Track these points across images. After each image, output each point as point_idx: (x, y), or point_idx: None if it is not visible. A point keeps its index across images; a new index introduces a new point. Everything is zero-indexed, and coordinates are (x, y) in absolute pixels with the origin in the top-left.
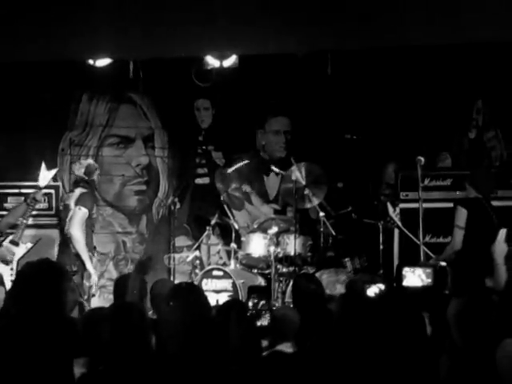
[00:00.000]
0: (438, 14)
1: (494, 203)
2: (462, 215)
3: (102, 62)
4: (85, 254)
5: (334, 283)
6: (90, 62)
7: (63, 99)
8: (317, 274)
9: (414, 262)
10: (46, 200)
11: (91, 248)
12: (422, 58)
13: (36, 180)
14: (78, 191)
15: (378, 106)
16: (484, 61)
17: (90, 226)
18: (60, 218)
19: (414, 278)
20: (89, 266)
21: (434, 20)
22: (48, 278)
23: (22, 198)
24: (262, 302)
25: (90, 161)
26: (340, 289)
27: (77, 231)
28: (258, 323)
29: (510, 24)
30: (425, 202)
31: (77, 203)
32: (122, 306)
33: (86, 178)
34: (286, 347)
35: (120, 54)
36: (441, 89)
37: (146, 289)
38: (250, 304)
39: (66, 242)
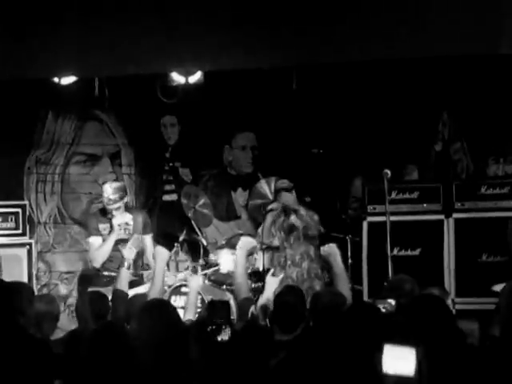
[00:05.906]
0: (403, 28)
1: (461, 215)
2: None
3: (67, 79)
4: None
5: None
6: (55, 80)
7: (29, 117)
8: None
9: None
10: (13, 219)
11: None
12: (387, 71)
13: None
14: None
15: (343, 120)
16: (449, 73)
17: None
18: None
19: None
20: None
21: (399, 34)
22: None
23: None
24: (221, 317)
25: None
26: None
27: None
28: (219, 338)
29: (473, 37)
30: (392, 215)
31: None
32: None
33: None
34: None
35: (84, 72)
36: (406, 102)
37: (106, 305)
38: (210, 319)
39: None
